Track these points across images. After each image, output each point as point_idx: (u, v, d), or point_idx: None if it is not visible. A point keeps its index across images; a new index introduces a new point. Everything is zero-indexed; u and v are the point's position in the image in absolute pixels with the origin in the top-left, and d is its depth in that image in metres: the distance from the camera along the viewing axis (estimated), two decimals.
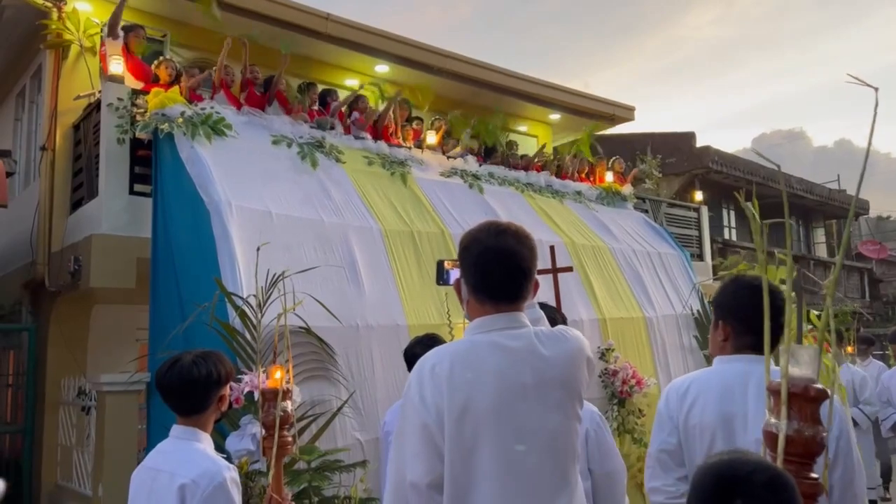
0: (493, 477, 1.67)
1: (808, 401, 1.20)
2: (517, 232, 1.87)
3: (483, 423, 1.69)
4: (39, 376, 7.05)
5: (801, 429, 1.19)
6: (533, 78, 10.94)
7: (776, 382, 1.21)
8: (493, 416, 1.70)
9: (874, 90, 1.27)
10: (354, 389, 5.13)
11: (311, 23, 8.38)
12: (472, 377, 1.72)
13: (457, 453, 1.68)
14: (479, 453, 1.68)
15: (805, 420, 1.19)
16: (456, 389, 1.71)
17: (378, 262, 5.96)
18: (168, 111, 5.86)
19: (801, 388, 1.19)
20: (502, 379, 1.73)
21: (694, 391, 2.12)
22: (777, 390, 1.20)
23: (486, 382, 1.72)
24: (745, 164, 16.86)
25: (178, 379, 2.48)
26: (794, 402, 1.20)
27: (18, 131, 8.62)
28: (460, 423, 1.69)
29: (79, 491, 6.10)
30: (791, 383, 1.19)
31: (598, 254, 8.24)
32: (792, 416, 1.20)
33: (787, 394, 1.18)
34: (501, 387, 1.72)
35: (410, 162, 7.37)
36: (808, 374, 1.20)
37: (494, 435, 1.69)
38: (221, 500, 2.27)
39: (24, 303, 7.47)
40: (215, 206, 5.27)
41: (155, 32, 7.74)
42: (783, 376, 1.19)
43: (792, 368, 1.20)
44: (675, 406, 2.13)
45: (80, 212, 6.47)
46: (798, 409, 1.20)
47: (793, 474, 1.17)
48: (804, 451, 1.19)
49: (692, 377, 2.20)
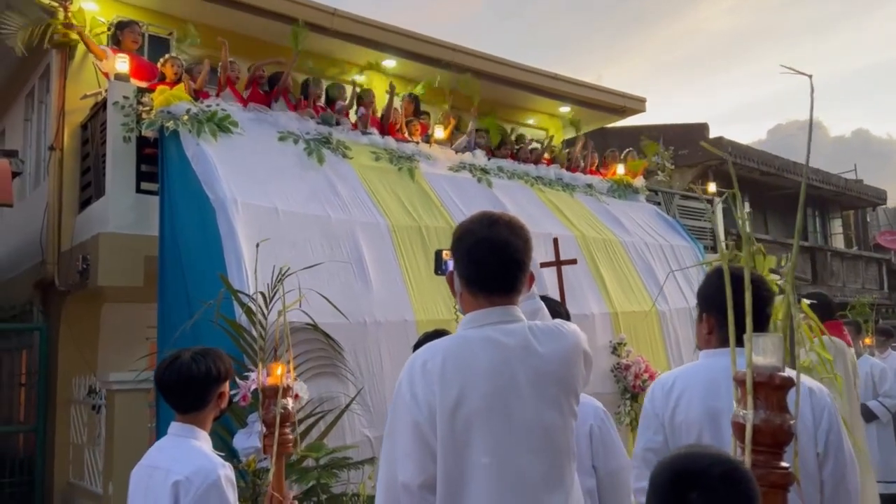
0: (486, 475, 1.63)
1: (773, 389, 1.17)
2: (511, 222, 1.82)
3: (475, 420, 1.65)
4: (51, 375, 7.09)
5: (769, 417, 1.17)
6: (542, 70, 10.85)
7: (742, 372, 1.18)
8: (486, 412, 1.65)
9: (808, 77, 1.28)
10: (363, 386, 5.10)
11: (317, 18, 8.33)
12: (465, 373, 1.67)
13: (449, 451, 1.63)
14: (472, 451, 1.64)
15: (772, 409, 1.17)
16: (448, 386, 1.66)
17: (386, 257, 5.92)
18: (173, 109, 5.85)
19: (766, 377, 1.16)
20: (495, 375, 1.68)
21: (679, 387, 2.06)
22: (743, 380, 1.16)
23: (479, 379, 1.67)
24: (759, 155, 16.68)
25: (177, 377, 2.47)
26: (760, 391, 1.17)
27: (28, 131, 8.65)
28: (452, 421, 1.64)
29: (90, 489, 6.13)
30: (756, 372, 1.15)
31: (610, 247, 8.15)
32: (759, 405, 1.16)
33: (752, 383, 1.14)
34: (494, 383, 1.67)
35: (418, 157, 7.32)
36: (772, 362, 1.16)
37: (487, 432, 1.64)
38: (215, 498, 2.25)
39: (35, 302, 7.50)
40: (221, 204, 5.25)
41: (160, 31, 7.73)
42: (748, 365, 1.16)
43: (756, 357, 1.16)
44: (660, 403, 2.08)
45: (88, 211, 6.48)
46: (765, 398, 1.17)
47: (762, 464, 1.14)
48: (772, 441, 1.17)
49: (677, 373, 2.14)
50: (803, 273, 16.73)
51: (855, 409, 3.98)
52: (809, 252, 17.74)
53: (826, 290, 16.80)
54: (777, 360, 1.18)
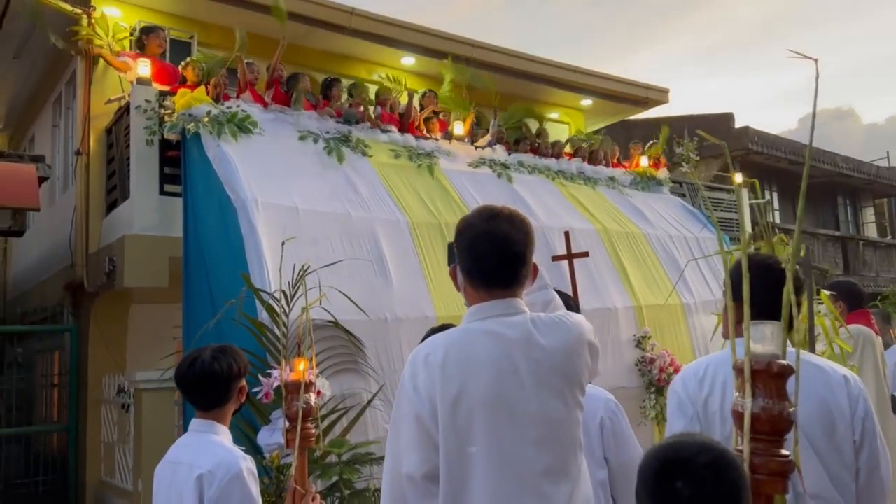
0: (488, 467, 1.63)
1: (772, 377, 1.15)
2: (511, 216, 1.81)
3: (477, 413, 1.65)
4: (82, 375, 7.24)
5: (767, 406, 1.15)
6: (563, 63, 10.78)
7: (740, 360, 1.17)
8: (488, 405, 1.65)
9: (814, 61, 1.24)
10: (384, 382, 5.12)
11: (335, 18, 8.38)
12: (466, 366, 1.68)
13: (451, 443, 1.64)
14: (474, 443, 1.64)
15: (771, 397, 1.15)
16: (449, 379, 1.67)
17: (406, 254, 5.94)
18: (194, 111, 5.93)
19: (763, 365, 1.15)
20: (497, 367, 1.68)
21: (712, 374, 2.02)
22: (741, 368, 1.15)
23: (480, 371, 1.67)
24: (787, 145, 16.40)
25: (199, 375, 2.51)
26: (758, 378, 1.16)
27: (56, 137, 8.83)
28: (454, 413, 1.65)
29: (121, 486, 6.24)
30: (754, 360, 1.14)
31: (633, 240, 8.08)
32: (757, 393, 1.15)
33: (750, 371, 1.13)
34: (496, 375, 1.67)
35: (438, 153, 7.33)
36: (771, 349, 1.15)
37: (489, 424, 1.65)
38: (237, 490, 2.29)
39: (65, 304, 7.66)
40: (242, 204, 5.31)
41: (182, 34, 7.83)
42: (746, 353, 1.15)
43: (755, 345, 1.15)
44: (693, 390, 2.03)
45: (114, 213, 6.60)
46: (763, 386, 1.15)
47: (762, 452, 1.13)
48: (771, 429, 1.15)
49: (708, 360, 2.10)
50: (835, 263, 16.43)
51: (884, 400, 3.90)
52: (841, 241, 17.40)
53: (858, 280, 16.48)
54: (776, 348, 1.18)
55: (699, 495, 1.15)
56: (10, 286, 10.52)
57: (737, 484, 1.14)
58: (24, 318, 9.24)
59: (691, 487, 1.16)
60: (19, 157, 6.74)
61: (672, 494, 1.17)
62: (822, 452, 1.83)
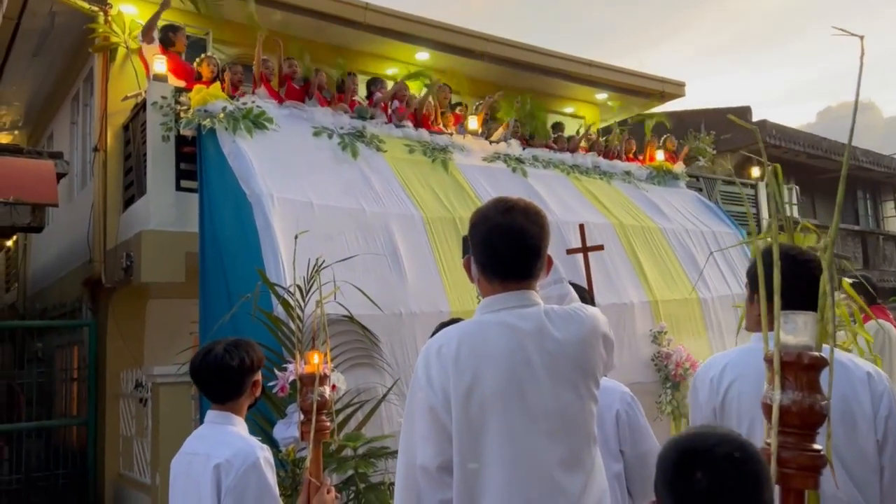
0: (502, 458, 1.62)
1: (803, 369, 1.12)
2: (527, 208, 1.80)
3: (490, 404, 1.64)
4: (100, 370, 7.31)
5: (798, 398, 1.11)
6: (578, 57, 10.72)
7: (771, 352, 1.13)
8: (501, 396, 1.65)
9: (860, 38, 1.18)
10: (399, 377, 5.12)
11: (349, 13, 8.39)
12: (479, 358, 1.67)
13: (464, 435, 1.64)
14: (487, 435, 1.64)
15: (801, 389, 1.11)
16: (462, 370, 1.66)
17: (420, 249, 5.94)
18: (210, 107, 5.96)
19: (794, 356, 1.11)
20: (510, 359, 1.67)
21: (730, 374, 1.96)
22: (771, 360, 1.12)
23: (493, 362, 1.67)
24: (805, 138, 16.21)
25: (212, 368, 2.52)
26: (788, 371, 1.12)
27: (75, 134, 8.91)
28: (467, 405, 1.64)
29: (139, 480, 6.31)
30: (784, 351, 1.11)
31: (649, 234, 8.03)
32: (787, 385, 1.12)
33: (779, 363, 1.10)
34: (509, 367, 1.66)
35: (452, 148, 7.32)
36: (803, 341, 1.12)
37: (502, 416, 1.64)
38: (254, 479, 2.30)
39: (84, 300, 7.74)
40: (257, 199, 5.33)
41: (197, 31, 7.87)
42: (776, 344, 1.12)
43: (787, 336, 1.12)
44: (710, 391, 1.98)
45: (131, 209, 6.65)
46: (794, 378, 1.12)
47: (793, 446, 1.10)
48: (801, 422, 1.11)
49: (727, 358, 2.04)
50: (854, 257, 16.24)
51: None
52: (860, 236, 17.19)
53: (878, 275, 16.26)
54: (809, 339, 1.14)
55: (718, 487, 1.13)
56: (29, 282, 10.65)
57: (757, 476, 1.12)
58: (43, 314, 9.35)
59: (710, 479, 1.14)
60: (38, 154, 6.82)
61: (690, 486, 1.15)
62: (841, 451, 1.79)
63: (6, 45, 8.27)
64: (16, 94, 9.69)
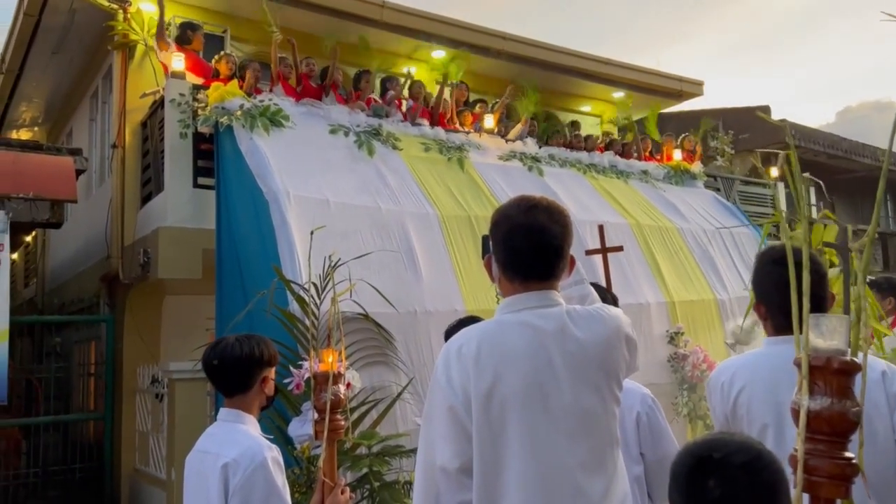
0: (522, 460, 1.60)
1: (833, 374, 1.07)
2: (549, 207, 1.77)
3: (511, 405, 1.62)
4: (117, 365, 7.36)
5: (827, 404, 1.07)
6: (595, 56, 10.64)
7: (800, 357, 1.09)
8: (522, 397, 1.62)
9: None
10: (414, 375, 5.12)
11: (366, 11, 8.38)
12: (500, 358, 1.65)
13: (485, 436, 1.62)
14: (508, 436, 1.61)
15: (832, 394, 1.07)
16: (482, 370, 1.64)
17: (435, 247, 5.93)
18: (227, 104, 5.98)
19: (822, 361, 1.07)
20: (531, 359, 1.64)
21: (740, 380, 1.92)
22: (800, 364, 1.08)
23: (514, 363, 1.64)
24: (825, 138, 16.03)
25: (219, 358, 2.51)
26: (818, 375, 1.08)
27: (93, 131, 8.98)
28: (487, 405, 1.62)
29: (155, 475, 6.35)
30: (813, 356, 1.07)
31: (666, 234, 7.97)
32: (817, 390, 1.08)
33: (807, 367, 1.06)
34: (530, 368, 1.64)
35: (468, 146, 7.30)
36: (834, 344, 1.07)
37: (523, 417, 1.62)
38: (261, 479, 2.29)
39: (101, 295, 7.80)
40: (273, 196, 5.35)
41: (215, 28, 7.90)
42: (804, 348, 1.08)
43: (816, 339, 1.07)
44: (721, 397, 1.95)
45: (149, 206, 6.69)
46: (824, 383, 1.08)
47: (822, 454, 1.05)
48: (831, 429, 1.07)
49: (738, 363, 2.01)
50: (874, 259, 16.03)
51: None
52: (881, 237, 16.97)
53: None
54: (840, 343, 1.10)
55: (730, 496, 1.10)
56: (48, 277, 10.75)
57: (773, 487, 1.08)
58: (61, 309, 9.43)
59: (723, 488, 1.10)
60: (58, 151, 6.86)
61: (703, 493, 1.12)
62: None
63: (27, 42, 8.34)
64: (36, 90, 9.78)
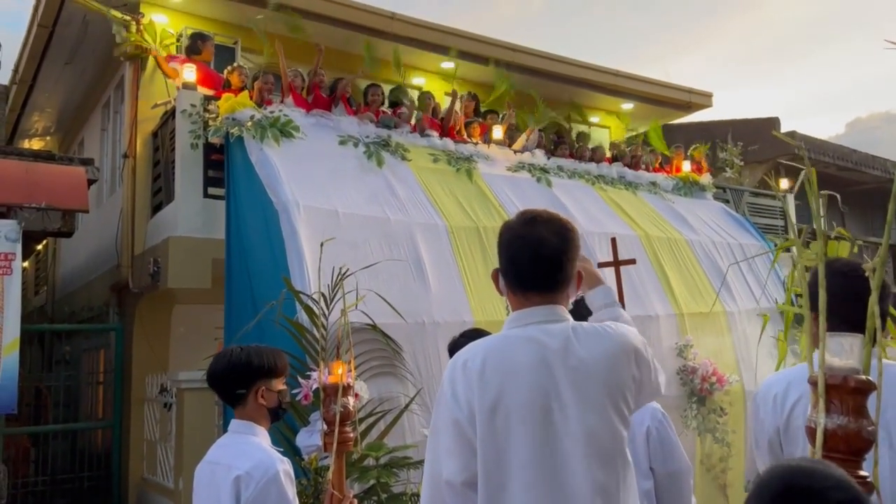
0: (525, 477, 1.60)
1: (849, 393, 1.08)
2: (550, 219, 1.79)
3: (515, 420, 1.63)
4: (126, 374, 7.39)
5: (843, 423, 1.08)
6: (603, 67, 10.67)
7: (816, 375, 1.09)
8: (526, 413, 1.63)
9: None
10: (422, 386, 5.11)
11: (376, 23, 8.44)
12: (504, 373, 1.66)
13: (489, 450, 1.62)
14: (512, 451, 1.62)
15: (847, 413, 1.08)
16: (487, 385, 1.65)
17: (444, 258, 5.93)
18: (238, 115, 6.02)
19: (840, 380, 1.08)
20: (535, 375, 1.65)
21: (795, 392, 1.91)
22: (816, 382, 1.08)
23: (518, 378, 1.65)
24: (835, 150, 15.98)
25: (217, 366, 2.51)
26: (834, 394, 1.09)
27: (105, 141, 9.06)
28: (492, 420, 1.63)
29: (163, 484, 6.35)
30: (830, 374, 1.07)
31: (675, 246, 7.94)
32: (833, 409, 1.08)
33: (824, 386, 1.06)
34: (534, 383, 1.65)
35: (476, 157, 7.31)
36: (850, 364, 1.07)
37: (527, 432, 1.62)
38: (274, 492, 2.29)
39: (111, 304, 7.84)
40: (283, 207, 5.37)
41: (226, 40, 7.96)
42: (820, 367, 1.08)
43: (832, 358, 1.08)
44: (776, 408, 1.93)
45: (159, 216, 6.73)
46: (840, 402, 1.08)
47: None
48: (846, 447, 1.08)
49: (791, 375, 1.99)
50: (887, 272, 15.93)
51: None
52: (891, 250, 16.88)
53: None
54: (856, 362, 1.11)
55: None
56: (58, 285, 10.81)
57: None
58: (71, 317, 9.49)
59: None
60: (69, 160, 6.91)
61: None
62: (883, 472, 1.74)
63: (40, 53, 8.44)
64: (48, 100, 9.89)
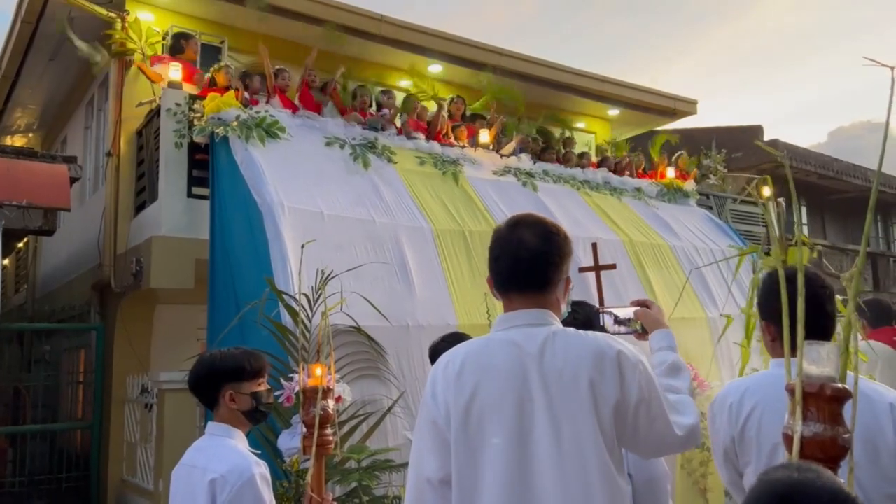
0: (496, 479, 1.62)
1: (825, 401, 1.10)
2: (534, 222, 1.82)
3: (488, 423, 1.66)
4: (106, 374, 7.32)
5: (820, 430, 1.09)
6: (590, 73, 10.74)
7: (793, 382, 1.12)
8: (498, 415, 1.65)
9: (890, 69, 1.19)
10: (405, 389, 5.10)
11: (364, 25, 8.44)
12: (481, 373, 1.70)
13: (462, 449, 1.66)
14: (485, 452, 1.65)
15: (823, 421, 1.10)
16: (463, 385, 1.69)
17: (429, 261, 5.94)
18: (223, 115, 5.99)
19: (816, 388, 1.10)
20: (509, 377, 1.68)
21: (750, 401, 1.92)
22: (793, 390, 1.10)
23: (493, 378, 1.69)
24: (817, 158, 16.20)
25: (191, 370, 2.53)
26: (810, 402, 1.11)
27: (88, 139, 8.98)
28: (466, 420, 1.67)
29: (142, 486, 6.30)
30: (807, 382, 1.09)
31: (658, 252, 8.00)
32: (809, 416, 1.10)
33: (801, 393, 1.09)
34: (508, 383, 1.67)
35: (463, 161, 7.33)
36: (826, 372, 1.10)
37: (498, 433, 1.64)
38: (249, 496, 2.29)
39: (92, 303, 7.76)
40: (268, 208, 5.34)
41: (213, 39, 7.93)
42: (798, 375, 1.10)
43: (809, 366, 1.10)
44: (731, 417, 1.94)
45: (142, 215, 6.68)
46: (816, 410, 1.10)
47: None
48: (823, 455, 1.09)
49: (747, 384, 2.00)
50: (864, 279, 16.13)
51: None
52: (870, 258, 17.09)
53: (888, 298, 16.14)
54: (832, 370, 1.13)
55: None
56: (38, 284, 10.69)
57: None
58: (51, 316, 9.39)
59: None
60: (52, 158, 6.85)
61: None
62: (863, 482, 1.75)
63: (23, 49, 8.36)
64: (31, 97, 9.79)
